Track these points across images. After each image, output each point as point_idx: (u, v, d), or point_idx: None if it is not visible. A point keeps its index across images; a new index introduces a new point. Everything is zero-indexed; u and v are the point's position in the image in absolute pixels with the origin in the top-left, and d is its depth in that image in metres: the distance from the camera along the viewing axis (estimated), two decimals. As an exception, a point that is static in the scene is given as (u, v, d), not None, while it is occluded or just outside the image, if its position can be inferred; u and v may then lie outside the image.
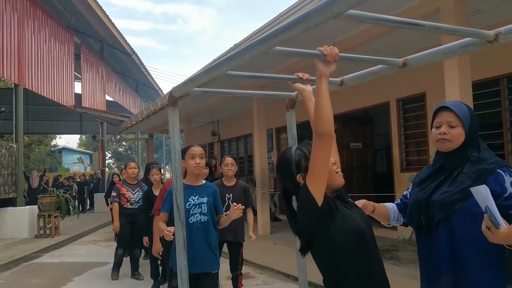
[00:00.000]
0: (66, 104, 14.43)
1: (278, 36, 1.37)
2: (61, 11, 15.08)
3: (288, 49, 1.59)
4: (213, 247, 3.07)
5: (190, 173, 3.08)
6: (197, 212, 3.02)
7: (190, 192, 3.02)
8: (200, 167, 3.06)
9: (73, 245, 9.74)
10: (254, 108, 9.45)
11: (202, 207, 3.03)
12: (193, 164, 3.03)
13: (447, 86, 4.99)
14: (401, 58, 1.79)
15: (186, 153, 3.06)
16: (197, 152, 3.05)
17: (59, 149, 41.36)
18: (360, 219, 1.76)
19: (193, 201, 3.02)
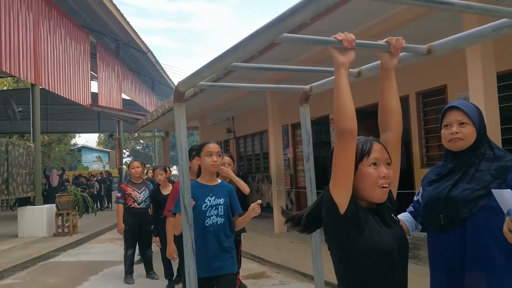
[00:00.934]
0: (82, 103, 14.51)
1: (286, 21, 1.23)
2: (76, 10, 15.15)
3: (298, 35, 1.44)
4: (229, 249, 2.92)
5: (206, 171, 2.92)
6: (214, 214, 2.86)
7: (206, 192, 2.87)
8: (217, 165, 2.92)
9: (90, 243, 9.78)
10: (269, 104, 9.31)
11: (219, 209, 2.87)
12: (209, 162, 2.87)
13: (470, 78, 4.77)
14: (425, 45, 1.63)
15: (202, 150, 2.92)
16: (214, 150, 2.90)
17: (79, 148, 41.92)
18: (392, 240, 1.48)
19: (210, 202, 2.86)
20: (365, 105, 8.91)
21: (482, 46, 4.60)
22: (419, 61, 1.74)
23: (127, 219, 5.65)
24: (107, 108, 16.70)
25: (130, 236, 5.78)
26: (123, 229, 5.66)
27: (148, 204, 5.79)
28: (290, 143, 11.75)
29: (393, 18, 5.53)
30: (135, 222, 5.70)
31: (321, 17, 4.96)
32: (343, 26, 5.70)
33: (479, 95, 4.63)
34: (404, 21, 5.37)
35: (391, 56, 1.60)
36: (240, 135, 15.05)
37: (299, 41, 1.46)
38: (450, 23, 5.28)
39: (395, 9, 5.41)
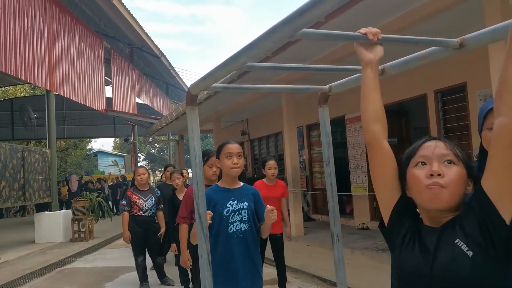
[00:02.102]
0: (97, 108, 14.59)
1: (306, 15, 1.11)
2: (90, 16, 15.25)
3: (319, 31, 1.31)
4: (256, 260, 2.66)
5: (227, 174, 2.67)
6: (237, 219, 2.60)
7: (227, 197, 2.63)
8: (239, 168, 2.64)
9: (106, 249, 9.77)
10: (284, 105, 9.18)
11: (242, 214, 2.61)
12: (230, 165, 2.61)
13: (493, 74, 4.58)
14: (457, 38, 1.49)
15: (221, 151, 2.66)
16: (234, 150, 2.64)
17: (95, 153, 42.33)
18: (422, 265, 1.17)
19: (232, 206, 2.61)
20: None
21: (504, 40, 4.41)
22: (450, 56, 1.59)
23: (133, 227, 5.50)
24: (122, 113, 16.78)
25: (137, 244, 5.64)
26: (128, 238, 5.52)
27: (154, 212, 5.68)
28: (305, 145, 11.60)
29: (417, 11, 5.32)
30: (140, 230, 5.55)
31: (338, 13, 4.81)
32: (361, 22, 5.54)
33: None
34: (429, 12, 5.16)
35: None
36: (254, 137, 14.95)
37: (320, 37, 1.33)
38: (471, 16, 5.11)
39: (416, 3, 5.20)
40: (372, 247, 7.14)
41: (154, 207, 5.67)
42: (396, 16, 5.50)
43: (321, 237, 8.51)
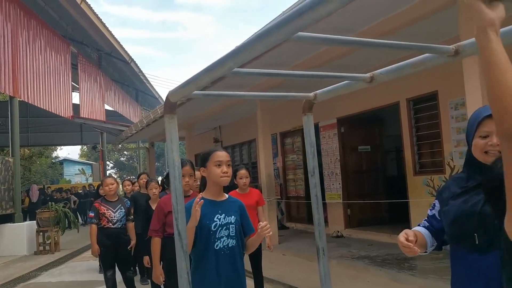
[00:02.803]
0: (63, 115, 14.10)
1: (302, 18, 1.01)
2: (57, 20, 14.78)
3: (317, 35, 1.22)
4: (242, 278, 2.49)
5: (215, 183, 2.46)
6: (224, 234, 2.40)
7: (215, 210, 2.42)
8: (229, 177, 2.45)
9: (73, 262, 9.37)
10: (259, 112, 9.09)
11: (230, 229, 2.42)
12: (219, 174, 2.40)
13: (467, 83, 4.64)
14: (452, 45, 1.43)
15: (209, 159, 2.45)
16: (224, 158, 2.44)
17: (60, 161, 41.05)
18: None
19: (220, 221, 2.41)
20: (354, 112, 8.80)
21: (478, 50, 4.47)
22: (444, 63, 1.53)
23: (102, 240, 5.20)
24: (89, 120, 16.30)
25: (106, 257, 5.35)
26: (97, 251, 5.22)
27: (124, 224, 5.44)
28: (279, 152, 11.55)
29: (405, 15, 5.26)
30: (110, 243, 5.26)
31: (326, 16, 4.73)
32: (349, 25, 5.43)
33: (477, 99, 4.50)
34: (415, 17, 5.13)
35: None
36: (227, 145, 14.80)
37: (315, 41, 1.24)
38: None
39: (406, 5, 5.11)
40: (348, 256, 7.11)
41: (124, 219, 5.43)
42: (388, 17, 5.35)
43: (296, 246, 8.43)
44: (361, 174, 9.39)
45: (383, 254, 6.95)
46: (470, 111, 4.62)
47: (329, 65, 6.45)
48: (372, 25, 5.47)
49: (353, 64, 6.92)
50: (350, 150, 9.35)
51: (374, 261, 6.54)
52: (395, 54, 6.80)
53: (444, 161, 6.93)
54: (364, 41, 1.30)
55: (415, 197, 7.43)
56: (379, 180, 9.59)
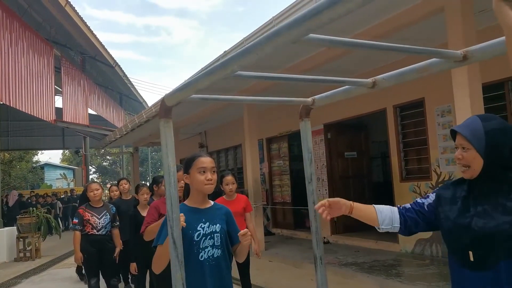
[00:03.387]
0: (46, 118, 13.82)
1: (315, 19, 0.96)
2: (40, 23, 14.52)
3: (328, 37, 1.17)
4: (230, 287, 2.35)
5: (198, 191, 2.31)
6: (209, 244, 2.24)
7: (198, 218, 2.26)
8: (213, 184, 2.31)
9: (54, 269, 9.13)
10: (245, 117, 9.04)
11: (215, 238, 2.26)
12: (203, 180, 2.26)
13: (456, 89, 4.67)
14: (460, 50, 1.40)
15: (192, 165, 2.31)
16: (208, 165, 2.30)
17: (41, 165, 40.26)
18: None
19: (203, 230, 2.25)
20: (340, 119, 8.82)
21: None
22: (450, 69, 1.51)
23: (85, 247, 5.04)
24: (72, 124, 16.01)
25: (90, 265, 5.16)
26: (80, 259, 5.04)
27: (109, 230, 5.30)
28: (265, 158, 11.51)
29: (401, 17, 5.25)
30: (94, 250, 5.10)
31: None
32: (349, 26, 5.38)
33: (465, 107, 4.53)
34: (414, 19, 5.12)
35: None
36: (213, 150, 14.70)
37: (326, 44, 1.19)
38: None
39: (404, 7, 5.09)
40: (335, 262, 7.08)
41: (109, 225, 5.29)
42: (390, 16, 5.26)
43: (283, 252, 8.38)
44: (347, 180, 9.41)
45: (370, 261, 6.95)
46: (458, 118, 4.65)
47: (321, 68, 6.43)
48: (365, 29, 5.45)
49: (348, 68, 6.91)
50: (337, 156, 9.37)
51: (361, 268, 6.53)
52: (390, 58, 6.84)
53: (430, 168, 6.98)
54: (367, 43, 1.27)
55: (401, 203, 7.42)
56: (365, 186, 9.62)
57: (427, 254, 6.99)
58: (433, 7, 4.81)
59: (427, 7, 4.82)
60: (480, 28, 5.35)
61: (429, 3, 4.81)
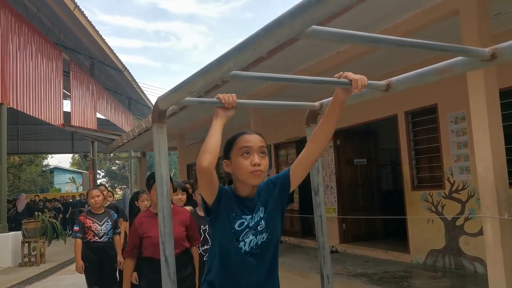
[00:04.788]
0: (54, 123, 13.82)
1: (320, 6, 0.80)
2: (49, 27, 14.57)
3: (333, 29, 1.01)
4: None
5: (243, 180, 1.70)
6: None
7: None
8: (262, 172, 1.66)
9: (58, 275, 9.02)
10: (252, 123, 8.88)
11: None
12: (247, 166, 1.65)
13: (471, 94, 4.45)
14: (488, 48, 1.23)
15: (233, 145, 1.73)
16: (255, 144, 1.68)
17: (51, 169, 40.44)
18: None
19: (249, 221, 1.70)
20: (350, 125, 8.62)
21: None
22: (476, 69, 1.33)
23: (87, 255, 4.91)
24: (80, 128, 16.00)
25: (92, 274, 5.02)
26: (82, 267, 4.90)
27: (111, 237, 5.16)
28: (273, 164, 11.32)
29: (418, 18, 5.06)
30: (96, 258, 4.98)
31: (342, 12, 4.45)
32: (367, 23, 5.18)
33: (481, 113, 4.33)
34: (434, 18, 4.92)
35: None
36: (220, 155, 14.55)
37: (332, 37, 1.02)
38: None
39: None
40: (344, 273, 6.86)
41: (111, 232, 5.16)
42: (407, 17, 4.99)
43: (289, 261, 8.17)
44: (356, 187, 9.19)
45: (380, 272, 6.72)
46: (474, 124, 4.45)
47: (334, 71, 6.25)
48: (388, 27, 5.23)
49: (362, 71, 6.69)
50: (346, 163, 9.15)
51: (371, 279, 6.30)
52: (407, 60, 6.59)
53: (443, 176, 6.75)
54: (389, 39, 1.10)
55: (412, 213, 7.23)
56: (375, 194, 9.38)
57: (440, 265, 6.75)
58: (448, 9, 4.62)
59: (441, 10, 4.63)
60: (495, 32, 5.16)
61: (443, 6, 4.62)
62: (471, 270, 6.26)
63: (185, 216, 3.27)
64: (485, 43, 4.24)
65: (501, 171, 4.28)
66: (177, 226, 3.17)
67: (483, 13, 4.43)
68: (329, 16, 0.85)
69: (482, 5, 4.41)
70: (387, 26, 5.13)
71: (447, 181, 6.65)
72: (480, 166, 4.35)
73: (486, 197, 4.30)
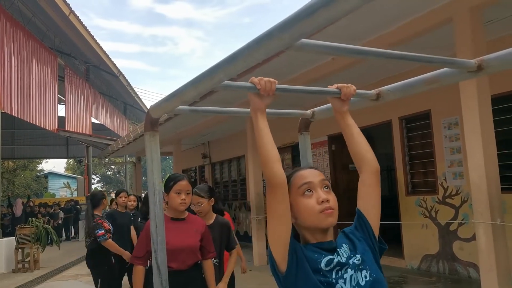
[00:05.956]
0: (48, 128, 13.76)
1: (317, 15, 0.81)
2: (44, 32, 14.54)
3: (320, 42, 1.03)
4: None
5: (313, 224, 1.37)
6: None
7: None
8: (333, 210, 1.37)
9: (52, 281, 8.96)
10: (248, 129, 8.90)
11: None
12: (314, 205, 1.34)
13: (464, 100, 4.50)
14: (474, 59, 1.25)
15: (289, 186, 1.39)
16: (315, 178, 1.41)
17: (45, 174, 40.25)
18: None
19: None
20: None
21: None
22: (463, 80, 1.36)
23: (107, 260, 4.85)
24: (75, 133, 15.95)
25: (109, 279, 4.92)
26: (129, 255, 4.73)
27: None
28: (268, 169, 11.33)
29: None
30: (117, 263, 4.98)
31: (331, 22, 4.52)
32: (357, 33, 5.21)
33: (474, 119, 4.37)
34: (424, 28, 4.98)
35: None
36: (216, 161, 14.56)
37: (321, 50, 1.04)
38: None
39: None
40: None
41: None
42: (396, 27, 5.06)
43: (284, 266, 8.17)
44: (352, 192, 9.19)
45: (375, 277, 6.72)
46: (467, 130, 4.49)
47: (326, 79, 6.30)
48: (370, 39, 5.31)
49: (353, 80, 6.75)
50: (341, 168, 9.18)
51: (366, 285, 6.31)
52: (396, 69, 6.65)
53: (437, 181, 6.79)
54: (376, 51, 1.12)
55: (407, 218, 7.25)
56: (370, 199, 9.41)
57: (434, 270, 6.77)
58: (441, 18, 4.66)
59: (435, 18, 4.67)
60: (490, 39, 5.21)
61: (437, 13, 4.67)
62: (465, 275, 6.29)
63: (201, 225, 2.98)
64: (479, 50, 4.28)
65: (494, 177, 4.32)
66: (193, 235, 2.90)
67: (476, 20, 4.49)
68: (317, 30, 0.87)
69: (475, 12, 4.46)
70: (380, 34, 5.19)
71: (441, 186, 6.69)
72: (473, 172, 4.39)
73: (479, 203, 4.33)
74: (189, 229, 2.87)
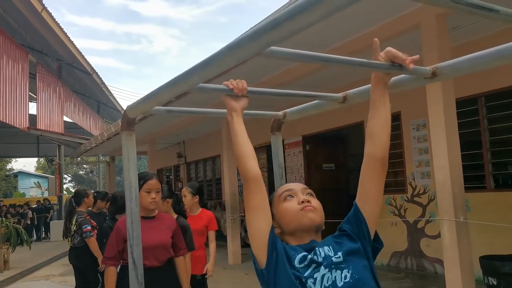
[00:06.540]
0: (19, 126, 13.46)
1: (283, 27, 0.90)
2: (15, 28, 14.21)
3: (290, 50, 1.12)
4: None
5: (296, 224, 1.43)
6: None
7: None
8: (314, 208, 1.44)
9: (23, 282, 8.80)
10: (223, 129, 8.97)
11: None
12: (294, 206, 1.40)
13: (430, 104, 4.70)
14: (429, 67, 1.36)
15: (274, 199, 1.50)
16: (297, 187, 1.51)
17: (15, 173, 39.23)
18: None
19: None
20: (319, 131, 8.83)
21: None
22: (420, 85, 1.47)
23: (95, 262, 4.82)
24: (46, 132, 15.63)
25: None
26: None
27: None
28: (243, 169, 11.42)
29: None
30: None
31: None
32: (325, 40, 5.35)
33: (439, 122, 4.57)
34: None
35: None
36: (191, 160, 14.56)
37: (289, 57, 1.13)
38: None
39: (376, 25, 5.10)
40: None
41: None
42: (367, 31, 5.21)
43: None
44: (325, 192, 9.38)
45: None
46: (433, 133, 4.68)
47: (297, 83, 6.42)
48: (340, 44, 5.47)
49: (322, 82, 6.92)
50: (315, 168, 9.36)
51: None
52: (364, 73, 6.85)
53: (406, 181, 7.02)
54: (338, 58, 1.22)
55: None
56: (343, 199, 9.61)
57: (402, 267, 7.00)
58: (409, 23, 4.85)
59: (403, 24, 4.85)
60: (454, 45, 5.43)
61: (405, 20, 4.85)
62: (431, 271, 6.53)
63: (171, 222, 3.02)
64: (443, 56, 4.48)
65: (458, 177, 4.53)
66: (164, 232, 2.92)
67: (442, 27, 4.68)
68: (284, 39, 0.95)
69: (441, 19, 4.66)
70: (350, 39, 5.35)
71: (409, 186, 6.92)
72: (439, 172, 4.58)
73: (444, 201, 4.53)
74: (160, 227, 2.93)
